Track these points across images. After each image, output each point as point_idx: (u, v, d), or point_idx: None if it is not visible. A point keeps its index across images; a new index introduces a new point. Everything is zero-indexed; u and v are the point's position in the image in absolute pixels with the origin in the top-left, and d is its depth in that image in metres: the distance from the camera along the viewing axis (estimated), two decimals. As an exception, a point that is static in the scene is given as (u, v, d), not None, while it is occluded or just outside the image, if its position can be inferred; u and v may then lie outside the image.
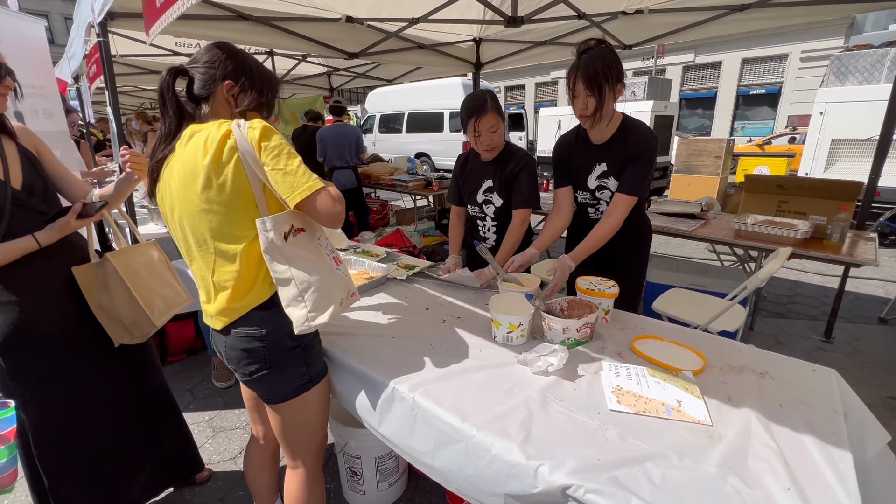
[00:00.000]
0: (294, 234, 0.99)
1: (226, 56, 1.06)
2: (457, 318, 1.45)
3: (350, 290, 1.12)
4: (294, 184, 0.94)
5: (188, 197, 0.98)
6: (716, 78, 16.46)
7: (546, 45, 3.64)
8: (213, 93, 1.04)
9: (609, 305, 1.38)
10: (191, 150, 0.97)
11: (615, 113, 1.57)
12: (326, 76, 5.90)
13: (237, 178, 0.95)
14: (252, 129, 0.95)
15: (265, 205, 0.99)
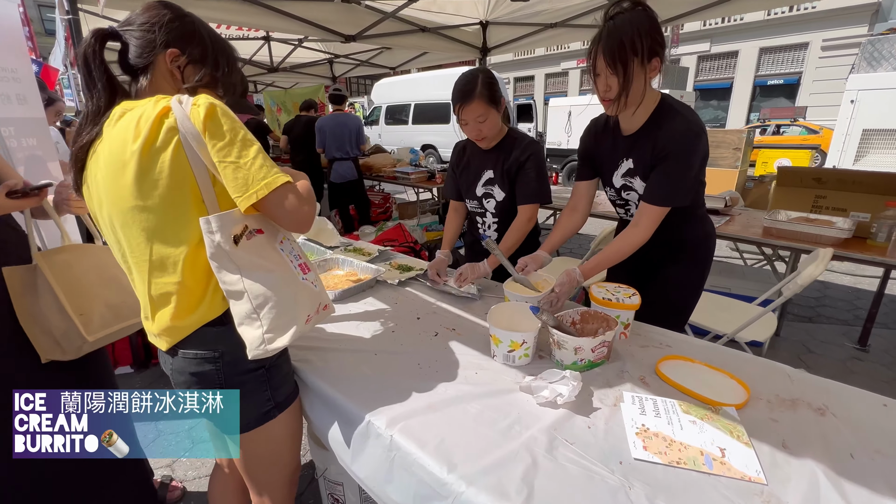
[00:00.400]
0: (248, 237, 0.80)
1: (170, 17, 0.86)
2: (451, 329, 1.26)
3: (321, 304, 0.94)
4: (248, 180, 0.76)
5: (117, 191, 0.79)
6: (732, 68, 15.94)
7: (557, 27, 3.40)
8: (153, 63, 0.85)
9: (629, 318, 1.18)
10: (119, 133, 0.78)
11: (651, 94, 1.22)
12: (328, 64, 5.70)
13: (177, 168, 0.76)
14: (196, 106, 0.76)
15: (215, 200, 0.80)
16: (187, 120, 0.75)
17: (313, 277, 0.93)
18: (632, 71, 1.12)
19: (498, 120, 1.48)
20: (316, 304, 0.91)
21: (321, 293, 0.95)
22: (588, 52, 1.19)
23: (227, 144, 0.76)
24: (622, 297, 1.19)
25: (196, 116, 0.75)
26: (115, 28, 0.85)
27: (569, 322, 1.16)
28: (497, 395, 0.95)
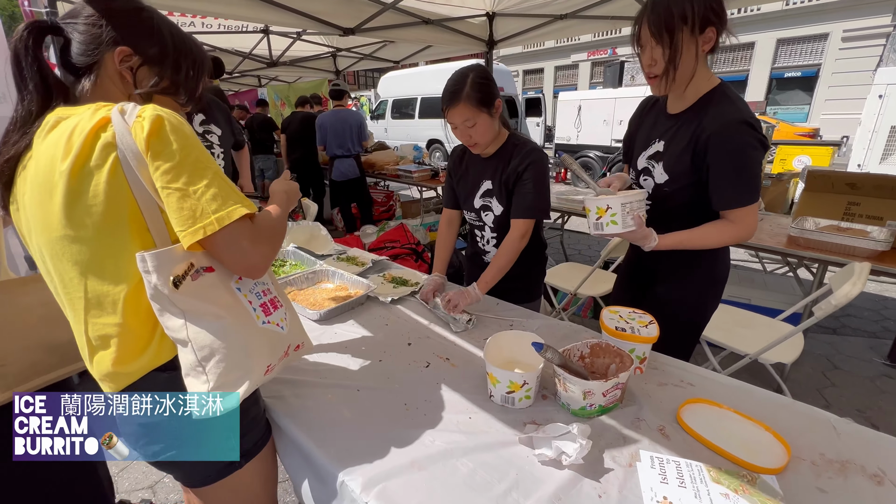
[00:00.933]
0: (194, 277, 0.68)
1: (121, 9, 0.75)
2: (445, 359, 1.13)
3: (290, 345, 0.82)
4: (195, 212, 0.64)
5: (45, 217, 0.67)
6: (747, 60, 15.48)
7: (567, 18, 3.22)
8: (99, 62, 0.73)
9: (645, 352, 1.04)
10: (48, 148, 0.66)
11: (706, 74, 1.10)
12: (331, 58, 5.56)
13: (114, 192, 0.64)
14: (140, 118, 0.64)
15: (165, 231, 0.68)
16: (128, 134, 0.63)
17: (280, 316, 0.80)
18: (680, 41, 1.01)
19: (491, 125, 1.31)
20: (282, 349, 0.79)
21: (291, 333, 0.82)
22: (633, 23, 1.08)
23: (175, 167, 0.64)
24: (637, 327, 1.05)
25: (138, 131, 0.63)
26: (57, 20, 0.73)
27: (577, 356, 1.02)
28: (493, 450, 0.82)
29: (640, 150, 1.26)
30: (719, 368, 1.90)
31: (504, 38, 3.75)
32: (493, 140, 1.37)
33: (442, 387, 1.02)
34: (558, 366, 0.91)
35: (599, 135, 8.07)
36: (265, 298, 0.78)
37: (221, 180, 0.68)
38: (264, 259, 0.72)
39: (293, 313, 0.87)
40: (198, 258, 0.69)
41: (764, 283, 2.50)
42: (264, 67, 5.32)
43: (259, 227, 0.72)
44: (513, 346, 1.05)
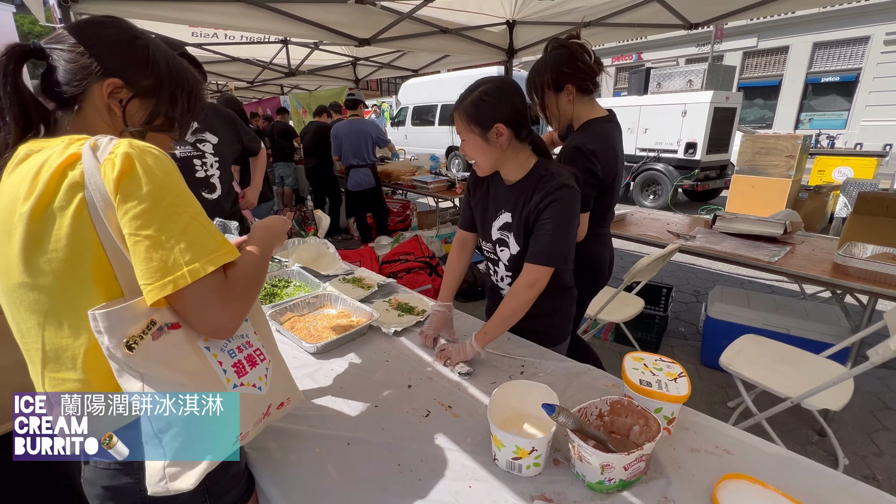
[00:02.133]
0: (155, 336, 0.60)
1: (114, 38, 0.68)
2: (447, 407, 1.03)
3: (270, 405, 0.73)
4: (166, 263, 0.57)
5: (2, 261, 0.61)
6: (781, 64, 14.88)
7: (591, 26, 3.09)
8: (86, 93, 0.67)
9: (674, 412, 0.91)
10: (12, 186, 0.61)
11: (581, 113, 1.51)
12: (351, 66, 5.56)
13: (78, 237, 0.58)
14: (111, 157, 0.57)
15: (134, 279, 0.60)
16: (97, 173, 0.57)
17: (259, 374, 0.71)
18: (546, 98, 1.48)
19: (484, 150, 1.15)
20: (259, 412, 0.71)
21: (274, 391, 0.74)
22: None
23: (145, 212, 0.57)
24: (665, 381, 0.92)
25: (108, 170, 0.57)
26: (41, 44, 0.67)
27: (594, 414, 0.90)
28: (493, 532, 0.71)
29: None
30: (755, 410, 1.73)
31: (524, 46, 3.63)
32: (507, 166, 1.22)
33: (441, 443, 0.91)
34: (572, 431, 0.80)
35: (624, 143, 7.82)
36: (240, 356, 0.69)
37: (198, 225, 0.60)
38: (234, 319, 0.63)
39: (279, 365, 0.78)
40: (162, 314, 0.61)
41: (804, 310, 2.29)
42: (284, 76, 5.36)
43: (232, 281, 0.64)
44: (522, 397, 0.94)
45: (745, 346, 1.88)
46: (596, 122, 1.48)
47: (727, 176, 7.15)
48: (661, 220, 2.91)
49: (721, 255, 2.14)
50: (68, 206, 0.57)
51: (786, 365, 1.74)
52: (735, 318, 2.34)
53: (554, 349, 1.29)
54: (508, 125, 1.12)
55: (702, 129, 6.70)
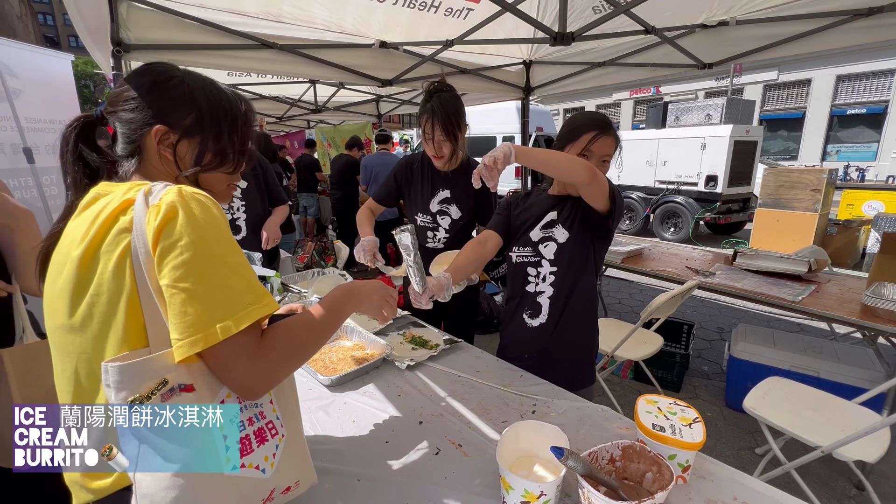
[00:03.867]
0: (165, 397, 0.57)
1: (149, 83, 0.69)
2: (458, 446, 1.03)
3: (272, 491, 0.67)
4: (199, 318, 0.56)
5: (51, 302, 0.63)
6: (804, 97, 14.80)
7: (606, 66, 3.18)
8: (142, 145, 0.70)
9: (689, 459, 0.89)
10: (74, 227, 0.63)
11: None
12: (374, 103, 5.82)
13: (118, 282, 0.58)
14: (157, 205, 0.58)
15: (165, 332, 0.59)
16: (143, 221, 0.58)
17: (267, 453, 0.65)
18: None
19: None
20: (257, 498, 0.65)
21: (280, 474, 0.67)
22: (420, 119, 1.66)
23: (185, 263, 0.56)
24: (679, 426, 0.91)
25: (151, 219, 0.57)
26: (102, 112, 0.71)
27: (606, 459, 0.89)
28: (500, 581, 0.69)
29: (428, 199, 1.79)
30: (783, 458, 1.64)
31: (541, 84, 3.76)
32: None
33: (450, 483, 0.91)
34: (582, 475, 0.79)
35: (642, 176, 7.84)
36: (249, 429, 0.64)
37: (237, 276, 0.60)
38: (261, 383, 0.61)
39: (295, 441, 0.71)
40: (177, 373, 0.58)
41: (835, 352, 2.19)
42: (311, 112, 5.64)
43: (269, 342, 0.62)
44: (532, 438, 0.93)
45: (771, 388, 1.81)
46: None
47: (750, 209, 7.03)
48: (681, 255, 2.87)
49: (742, 293, 2.09)
50: (114, 250, 0.58)
51: (815, 411, 1.67)
52: (760, 358, 2.25)
53: (580, 392, 1.27)
54: None
55: (722, 161, 6.67)
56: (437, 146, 1.64)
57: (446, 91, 1.63)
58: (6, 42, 2.08)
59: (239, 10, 2.30)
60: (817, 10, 2.19)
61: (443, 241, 1.82)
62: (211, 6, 2.22)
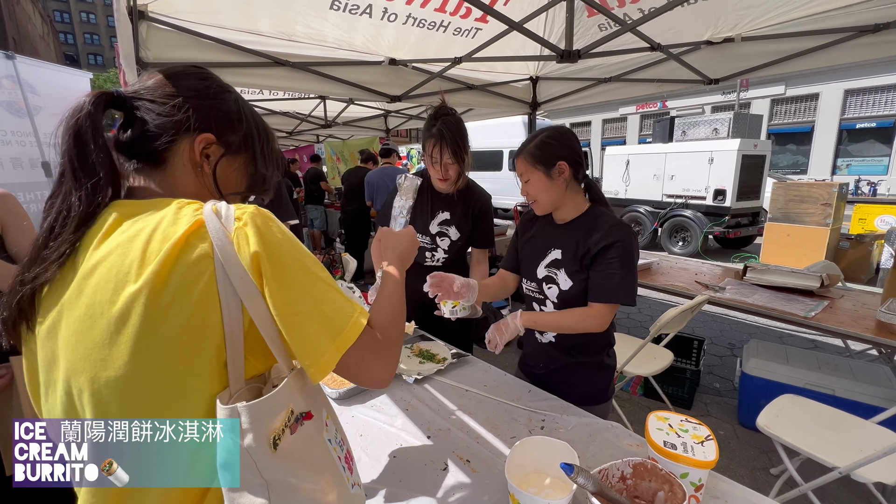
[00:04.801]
0: (293, 429, 0.53)
1: (206, 89, 0.62)
2: (465, 461, 1.02)
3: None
4: (326, 332, 0.53)
5: (95, 352, 0.49)
6: (812, 111, 14.78)
7: (612, 82, 3.22)
8: (174, 149, 0.59)
9: (701, 478, 0.88)
10: (111, 258, 0.50)
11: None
12: (383, 118, 5.92)
13: (203, 316, 0.49)
14: (241, 226, 0.52)
15: (242, 367, 0.52)
16: (230, 245, 0.50)
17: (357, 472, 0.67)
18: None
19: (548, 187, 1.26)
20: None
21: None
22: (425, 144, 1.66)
23: (293, 287, 0.52)
24: (691, 444, 0.89)
25: (242, 243, 0.51)
26: (125, 92, 0.59)
27: (616, 477, 0.87)
28: None
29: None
30: (799, 479, 1.60)
31: (547, 100, 3.80)
32: (565, 205, 1.30)
33: (458, 499, 0.90)
34: (592, 493, 0.78)
35: (650, 190, 7.83)
36: (344, 449, 0.63)
37: (333, 286, 0.57)
38: (392, 370, 0.62)
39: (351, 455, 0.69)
40: (296, 401, 0.54)
41: (850, 370, 2.15)
42: (320, 128, 5.75)
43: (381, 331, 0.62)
44: (541, 454, 0.92)
45: (786, 406, 1.77)
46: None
47: (760, 223, 6.98)
48: (690, 270, 2.85)
49: (753, 308, 2.07)
50: (197, 280, 0.49)
51: (831, 430, 1.63)
52: (774, 375, 2.21)
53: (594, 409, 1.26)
54: (569, 164, 1.23)
55: (730, 176, 6.65)
56: (443, 169, 1.64)
57: (450, 115, 1.64)
58: (29, 61, 2.16)
59: (254, 30, 2.37)
60: (823, 27, 2.21)
61: (441, 261, 1.83)
62: (227, 26, 2.30)
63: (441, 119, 1.61)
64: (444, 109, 1.65)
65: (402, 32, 2.52)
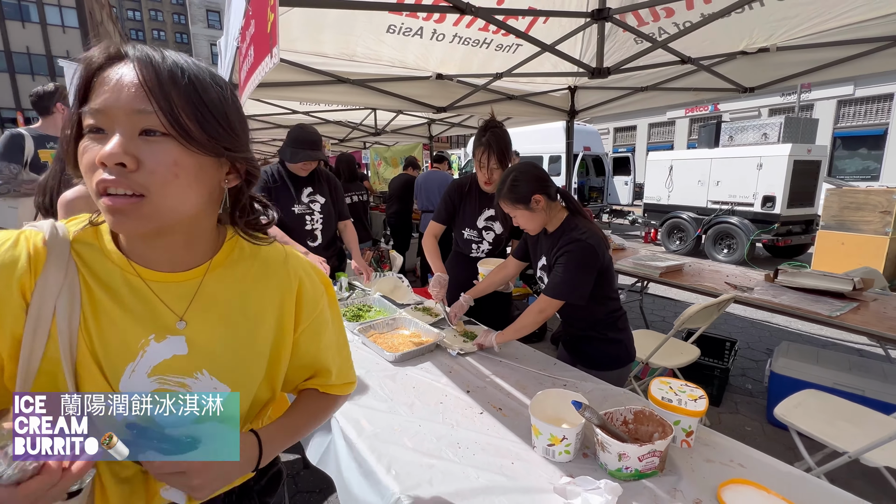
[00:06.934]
0: None
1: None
2: (498, 409, 1.26)
3: None
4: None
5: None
6: (885, 112, 13.69)
7: (648, 90, 3.34)
8: None
9: (692, 425, 1.07)
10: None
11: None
12: (427, 125, 6.26)
13: None
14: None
15: None
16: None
17: None
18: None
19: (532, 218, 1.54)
20: None
21: None
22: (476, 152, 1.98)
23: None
24: (685, 400, 1.08)
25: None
26: None
27: (619, 421, 1.08)
28: (528, 493, 0.92)
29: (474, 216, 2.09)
30: (813, 465, 1.70)
31: (585, 108, 3.96)
32: (550, 221, 1.57)
33: (492, 433, 1.14)
34: (597, 426, 0.99)
35: (694, 195, 7.68)
36: None
37: None
38: None
39: None
40: None
41: (883, 372, 2.17)
42: (369, 135, 6.18)
43: None
44: (559, 403, 1.14)
45: (806, 399, 1.86)
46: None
47: (814, 231, 6.67)
48: (722, 272, 2.92)
49: (778, 307, 2.16)
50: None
51: (850, 423, 1.71)
52: (802, 374, 2.27)
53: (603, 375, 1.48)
54: (541, 192, 1.50)
55: (780, 182, 6.43)
56: (489, 173, 1.94)
57: (498, 127, 1.92)
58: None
59: (321, 53, 2.74)
60: (860, 37, 2.26)
61: (485, 252, 2.15)
62: (299, 50, 2.67)
63: (490, 130, 1.91)
64: (493, 122, 1.95)
65: (449, 50, 2.80)
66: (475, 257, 2.16)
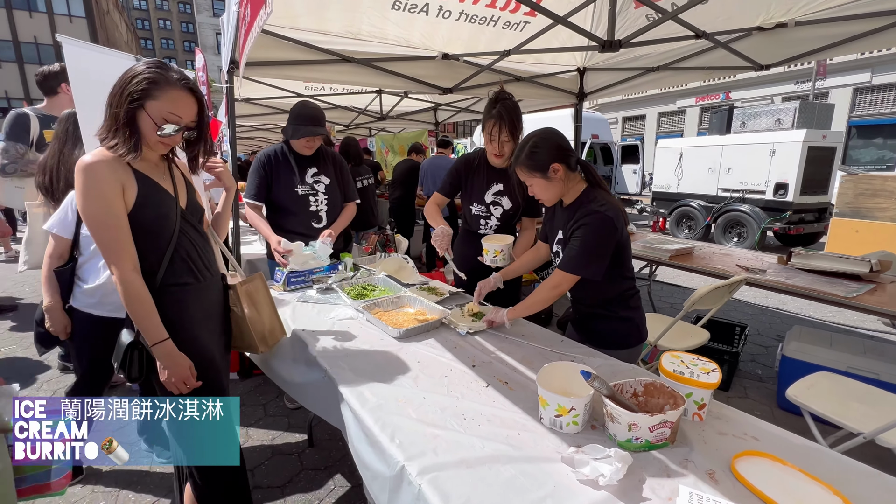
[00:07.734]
0: None
1: None
2: (504, 382, 1.23)
3: None
4: None
5: None
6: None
7: (660, 70, 3.25)
8: None
9: (704, 398, 1.04)
10: None
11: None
12: (432, 111, 6.19)
13: None
14: None
15: None
16: None
17: None
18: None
19: (548, 187, 1.49)
20: None
21: None
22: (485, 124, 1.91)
23: None
24: (698, 373, 1.05)
25: None
26: None
27: (629, 393, 1.06)
28: (535, 462, 0.90)
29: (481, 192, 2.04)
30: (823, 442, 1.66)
31: (595, 90, 3.87)
32: (567, 193, 1.52)
33: (498, 405, 1.12)
34: (606, 396, 0.97)
35: (704, 183, 7.55)
36: None
37: None
38: None
39: None
40: None
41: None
42: (375, 121, 6.11)
43: None
44: (566, 375, 1.12)
45: (819, 381, 1.83)
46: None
47: (827, 219, 6.55)
48: (733, 256, 2.86)
49: (792, 289, 2.11)
50: None
51: (862, 403, 1.67)
52: (815, 358, 2.23)
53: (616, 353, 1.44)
54: (560, 161, 1.42)
55: (793, 169, 6.30)
56: (500, 146, 1.87)
57: (509, 99, 1.85)
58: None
59: (325, 31, 2.68)
60: (880, 9, 2.17)
61: (493, 228, 2.07)
62: (303, 27, 2.62)
63: (501, 102, 1.84)
64: (504, 94, 1.88)
65: (455, 28, 2.73)
66: (482, 233, 2.11)
